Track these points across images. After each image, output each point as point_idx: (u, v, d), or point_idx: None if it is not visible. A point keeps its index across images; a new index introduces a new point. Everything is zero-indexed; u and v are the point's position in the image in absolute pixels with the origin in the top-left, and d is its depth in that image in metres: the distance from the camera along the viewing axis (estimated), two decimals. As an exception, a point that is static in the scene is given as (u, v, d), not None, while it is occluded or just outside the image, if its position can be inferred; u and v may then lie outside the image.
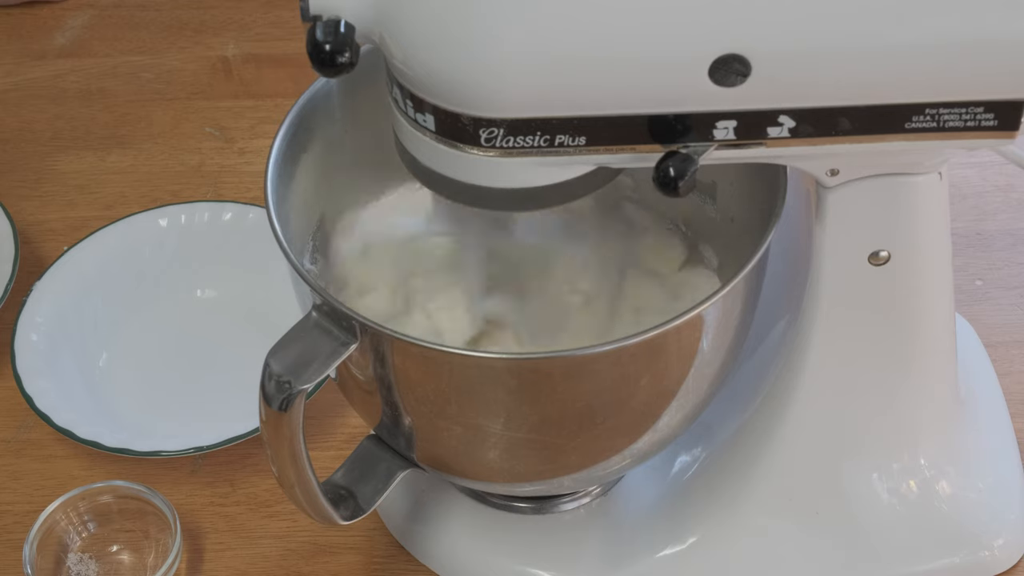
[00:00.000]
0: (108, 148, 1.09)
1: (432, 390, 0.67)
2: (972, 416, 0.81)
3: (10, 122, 1.11)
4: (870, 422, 0.76)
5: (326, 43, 0.58)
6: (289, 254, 0.67)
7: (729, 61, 0.58)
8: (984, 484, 0.80)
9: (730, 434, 0.79)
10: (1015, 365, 0.91)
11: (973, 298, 0.95)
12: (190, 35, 1.18)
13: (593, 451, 0.71)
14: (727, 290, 0.65)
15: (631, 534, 0.80)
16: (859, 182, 0.67)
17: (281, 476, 0.69)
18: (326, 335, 0.65)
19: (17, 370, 0.88)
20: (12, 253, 0.95)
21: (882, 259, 0.70)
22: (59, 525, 0.83)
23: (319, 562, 0.83)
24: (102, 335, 0.94)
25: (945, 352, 0.75)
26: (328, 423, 0.89)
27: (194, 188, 1.05)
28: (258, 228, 0.95)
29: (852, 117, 0.61)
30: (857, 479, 0.78)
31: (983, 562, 0.80)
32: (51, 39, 1.18)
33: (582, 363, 0.65)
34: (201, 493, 0.87)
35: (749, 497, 0.78)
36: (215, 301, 0.96)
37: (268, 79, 1.13)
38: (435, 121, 0.60)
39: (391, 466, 0.75)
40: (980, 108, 0.61)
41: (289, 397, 0.64)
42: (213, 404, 0.90)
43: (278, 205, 0.69)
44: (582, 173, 0.63)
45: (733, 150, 0.62)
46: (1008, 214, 1.00)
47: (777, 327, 0.77)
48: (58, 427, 0.85)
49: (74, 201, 1.05)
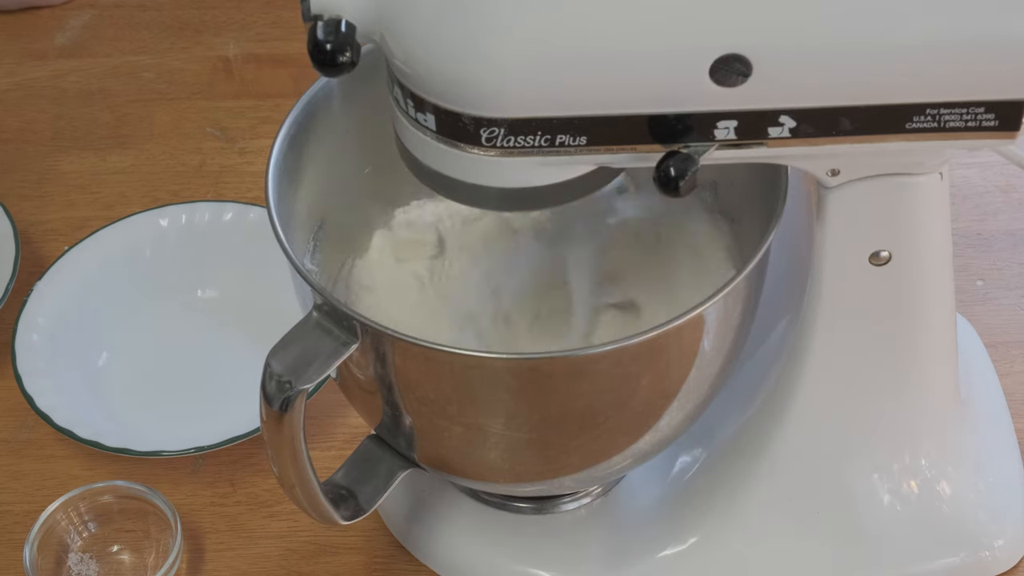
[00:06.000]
0: (109, 148, 1.08)
1: (433, 390, 0.67)
2: (972, 416, 0.81)
3: (11, 122, 1.11)
4: (870, 422, 0.76)
5: (327, 43, 0.58)
6: (290, 254, 0.67)
7: (730, 61, 0.58)
8: (984, 484, 0.80)
9: (731, 434, 0.79)
10: (1015, 365, 0.91)
11: (974, 298, 0.95)
12: (191, 35, 1.18)
13: (594, 451, 0.71)
14: (728, 290, 0.65)
15: (632, 534, 0.80)
16: (860, 182, 0.67)
17: (282, 476, 0.69)
18: (327, 335, 0.65)
19: (17, 370, 0.88)
20: (13, 253, 0.95)
21: (883, 259, 0.70)
22: (60, 525, 0.83)
23: (320, 562, 0.83)
24: (102, 335, 0.93)
25: (946, 352, 0.75)
26: (329, 423, 0.89)
27: (195, 188, 1.05)
28: (259, 228, 0.95)
29: (853, 117, 0.61)
30: (857, 479, 0.78)
31: (983, 562, 0.80)
32: (52, 39, 1.18)
33: (583, 363, 0.65)
34: (202, 493, 0.87)
35: (750, 497, 0.78)
36: (215, 301, 0.96)
37: (269, 79, 1.13)
38: (436, 120, 0.60)
39: (392, 466, 0.75)
40: (981, 108, 0.61)
41: (290, 397, 0.64)
42: (213, 404, 0.90)
43: (279, 205, 0.69)
44: (582, 173, 0.63)
45: (734, 150, 0.62)
46: (1009, 214, 1.00)
47: (778, 327, 0.77)
48: (58, 427, 0.85)
49: (75, 201, 1.05)
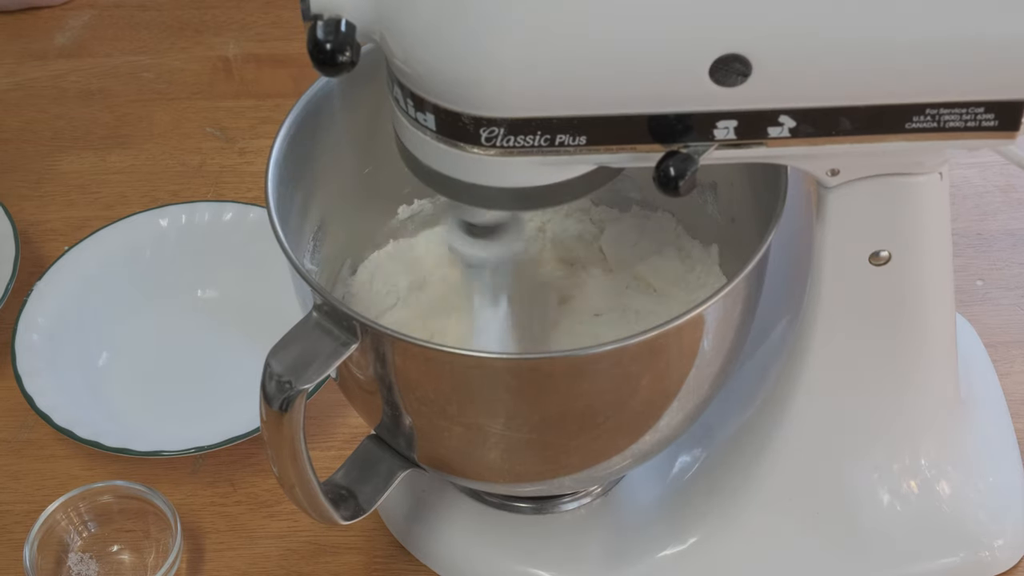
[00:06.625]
0: (109, 148, 1.09)
1: (432, 390, 0.67)
2: (972, 416, 0.81)
3: (11, 122, 1.11)
4: (870, 422, 0.76)
5: (327, 42, 0.58)
6: (290, 254, 0.67)
7: (730, 61, 0.58)
8: (984, 484, 0.80)
9: (731, 434, 0.79)
10: (1015, 365, 0.91)
11: (973, 298, 0.95)
12: (191, 35, 1.18)
13: (594, 451, 0.71)
14: (728, 290, 0.65)
15: (632, 534, 0.80)
16: (860, 182, 0.67)
17: (282, 476, 0.69)
18: (327, 335, 0.65)
19: (17, 370, 0.88)
20: (13, 253, 0.95)
21: (883, 259, 0.70)
22: (60, 525, 0.83)
23: (320, 562, 0.83)
24: (102, 335, 0.93)
25: (945, 352, 0.75)
26: (328, 423, 0.89)
27: (195, 188, 1.05)
28: (259, 228, 0.95)
29: (852, 117, 0.61)
30: (857, 479, 0.78)
31: (983, 562, 0.80)
32: (52, 39, 1.18)
33: (583, 363, 0.65)
34: (202, 493, 0.87)
35: (750, 497, 0.78)
36: (215, 301, 0.96)
37: (269, 79, 1.13)
38: (436, 120, 0.60)
39: (391, 466, 0.75)
40: (980, 108, 0.61)
41: (290, 397, 0.64)
42: (213, 404, 0.90)
43: (279, 205, 0.69)
44: (582, 173, 0.63)
45: (733, 150, 0.62)
46: (1008, 214, 1.00)
47: (778, 327, 0.77)
48: (58, 427, 0.85)
49: (75, 201, 1.05)
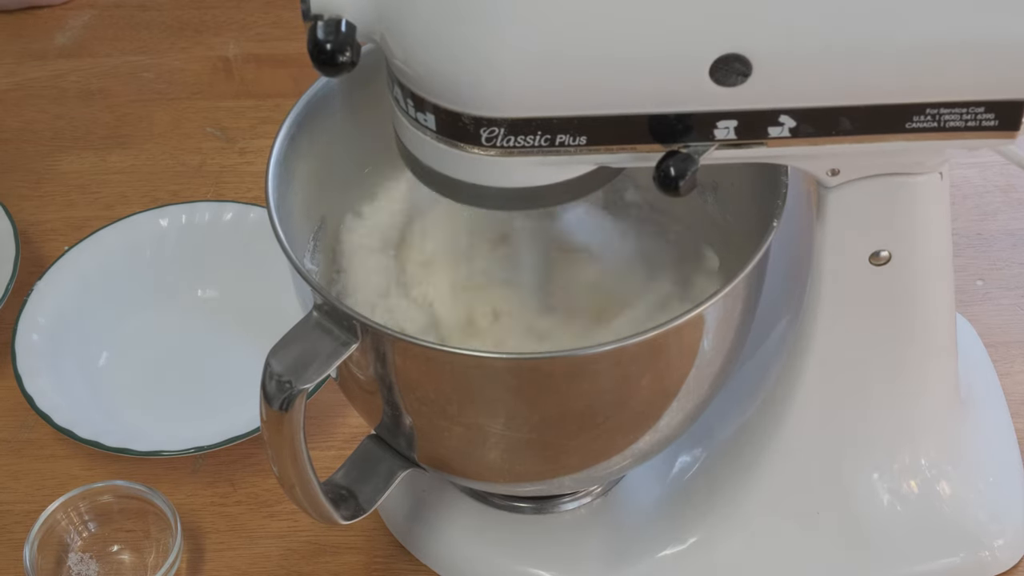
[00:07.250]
0: (109, 148, 1.08)
1: (433, 390, 0.67)
2: (972, 416, 0.81)
3: (11, 122, 1.11)
4: (870, 422, 0.76)
5: (327, 42, 0.58)
6: (290, 254, 0.67)
7: (730, 61, 0.58)
8: (984, 484, 0.80)
9: (731, 434, 0.79)
10: (1015, 365, 0.91)
11: (973, 298, 0.95)
12: (191, 35, 1.18)
13: (594, 451, 0.71)
14: (728, 290, 0.65)
15: (632, 534, 0.80)
16: (860, 182, 0.67)
17: (282, 476, 0.69)
18: (327, 335, 0.65)
19: (17, 370, 0.88)
20: (13, 253, 0.95)
21: (883, 259, 0.70)
22: (60, 525, 0.83)
23: (320, 562, 0.83)
24: (102, 335, 0.93)
25: (946, 352, 0.75)
26: (329, 423, 0.89)
27: (195, 188, 1.05)
28: (259, 228, 0.95)
29: (853, 117, 0.61)
30: (857, 479, 0.78)
31: (983, 562, 0.80)
32: (52, 39, 1.18)
33: (583, 363, 0.65)
34: (202, 493, 0.87)
35: (750, 497, 0.78)
36: (215, 301, 0.96)
37: (269, 79, 1.13)
38: (436, 120, 0.60)
39: (392, 466, 0.75)
40: (981, 108, 0.61)
41: (290, 397, 0.64)
42: (213, 404, 0.90)
43: (279, 205, 0.69)
44: (583, 173, 0.63)
45: (734, 150, 0.62)
46: (1008, 214, 1.00)
47: (778, 327, 0.77)
48: (58, 427, 0.85)
49: (75, 201, 1.05)
